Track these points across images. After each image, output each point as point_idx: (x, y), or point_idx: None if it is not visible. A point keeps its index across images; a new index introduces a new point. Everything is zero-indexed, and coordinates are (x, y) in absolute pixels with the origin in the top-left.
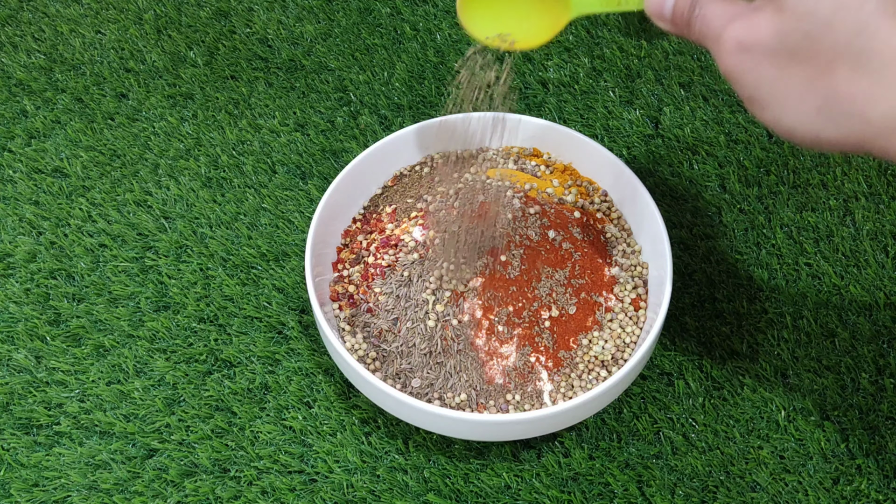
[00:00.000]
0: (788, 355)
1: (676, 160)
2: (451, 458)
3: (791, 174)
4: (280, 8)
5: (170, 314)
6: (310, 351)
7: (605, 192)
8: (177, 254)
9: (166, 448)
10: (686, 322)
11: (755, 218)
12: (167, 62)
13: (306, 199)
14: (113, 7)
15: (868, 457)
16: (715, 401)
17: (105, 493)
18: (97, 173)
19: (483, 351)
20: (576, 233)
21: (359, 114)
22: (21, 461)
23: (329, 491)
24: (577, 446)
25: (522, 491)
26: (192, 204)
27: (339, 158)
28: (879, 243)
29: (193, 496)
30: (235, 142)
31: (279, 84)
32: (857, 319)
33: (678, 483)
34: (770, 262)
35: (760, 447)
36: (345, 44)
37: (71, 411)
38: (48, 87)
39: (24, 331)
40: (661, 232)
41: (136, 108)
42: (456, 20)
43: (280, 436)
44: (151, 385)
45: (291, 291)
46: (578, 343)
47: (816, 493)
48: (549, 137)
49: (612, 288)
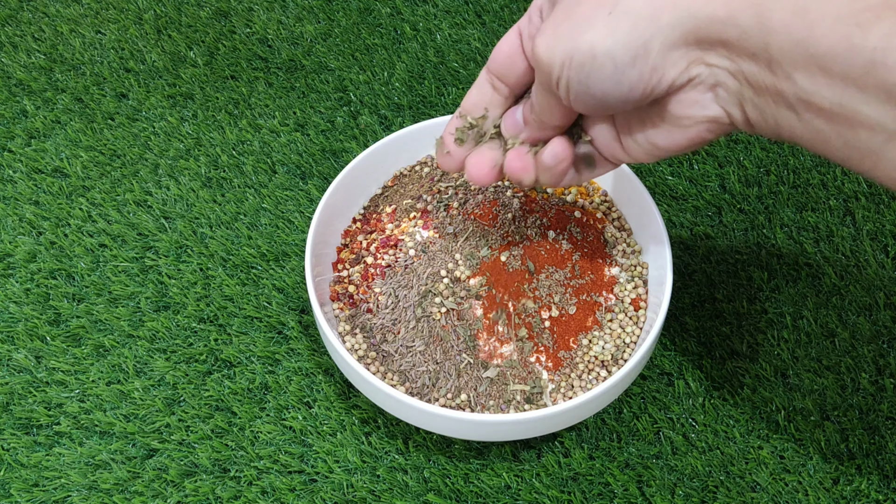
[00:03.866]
0: (788, 355)
1: (676, 160)
2: (451, 458)
3: (791, 174)
4: (280, 8)
5: (170, 314)
6: (310, 351)
7: (605, 192)
8: (177, 254)
9: (166, 448)
10: (686, 322)
11: (755, 218)
12: (167, 62)
13: (306, 199)
14: (113, 7)
15: (868, 457)
16: (715, 401)
17: (105, 493)
18: (97, 173)
19: (483, 351)
20: (576, 233)
21: (359, 114)
22: (21, 461)
23: (329, 491)
24: (577, 446)
25: (522, 491)
26: (192, 204)
27: (339, 158)
28: (879, 243)
29: (193, 496)
30: (235, 142)
31: (279, 84)
32: (857, 319)
33: (678, 483)
34: (770, 262)
35: (760, 447)
36: (345, 44)
37: (71, 411)
38: (48, 87)
39: (24, 331)
40: (661, 232)
41: (136, 108)
42: (456, 20)
43: (280, 436)
44: (151, 385)
45: (291, 291)
46: (578, 343)
47: (816, 493)
48: None
49: (612, 288)
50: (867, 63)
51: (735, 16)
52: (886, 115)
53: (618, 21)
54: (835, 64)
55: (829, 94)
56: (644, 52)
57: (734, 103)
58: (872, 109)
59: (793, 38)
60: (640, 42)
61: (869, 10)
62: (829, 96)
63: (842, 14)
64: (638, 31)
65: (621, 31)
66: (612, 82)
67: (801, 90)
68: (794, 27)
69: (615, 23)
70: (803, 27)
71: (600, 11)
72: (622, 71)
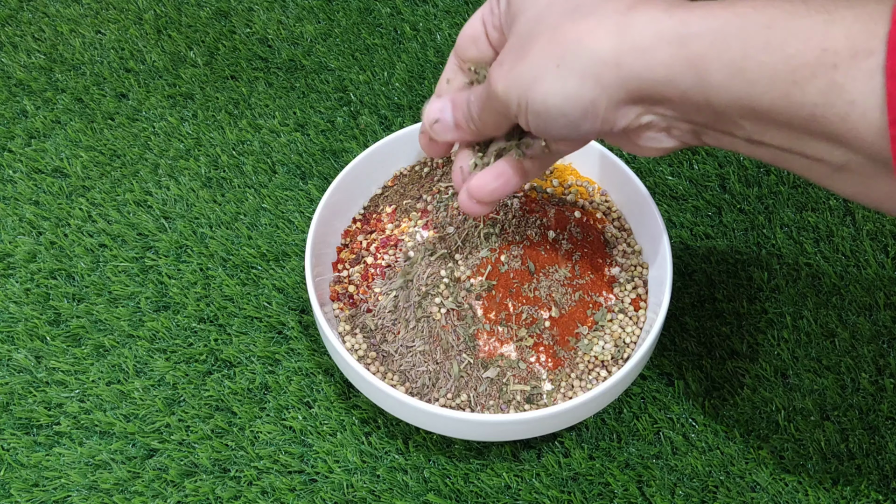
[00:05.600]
0: (788, 355)
1: (676, 160)
2: (451, 458)
3: (791, 174)
4: (280, 8)
5: (170, 314)
6: (310, 351)
7: (605, 192)
8: (177, 254)
9: (166, 448)
10: (686, 322)
11: (755, 218)
12: (167, 62)
13: (306, 199)
14: (113, 7)
15: (868, 457)
16: (715, 401)
17: (105, 493)
18: (97, 173)
19: (483, 351)
20: (576, 233)
21: (359, 114)
22: (21, 461)
23: (329, 491)
24: (577, 446)
25: (522, 491)
26: (192, 204)
27: (339, 158)
28: (879, 243)
29: (193, 496)
30: (235, 142)
31: (279, 84)
32: (857, 319)
33: (678, 483)
34: (770, 262)
35: (760, 447)
36: (345, 44)
37: (71, 411)
38: (48, 87)
39: (24, 331)
40: (661, 232)
41: (136, 108)
42: (456, 20)
43: (280, 436)
44: (151, 385)
45: (291, 291)
46: (578, 343)
47: (816, 493)
48: None
49: (612, 288)
50: (808, 116)
51: (674, 78)
52: (832, 154)
53: (566, 78)
54: (778, 116)
55: (777, 136)
56: (592, 109)
57: (690, 137)
58: (821, 148)
59: (733, 95)
60: (588, 100)
61: (804, 67)
62: (778, 138)
63: (778, 71)
64: (585, 89)
65: (570, 87)
66: (567, 129)
67: (750, 133)
68: (733, 86)
69: (563, 79)
70: (742, 86)
71: (549, 63)
72: (575, 123)
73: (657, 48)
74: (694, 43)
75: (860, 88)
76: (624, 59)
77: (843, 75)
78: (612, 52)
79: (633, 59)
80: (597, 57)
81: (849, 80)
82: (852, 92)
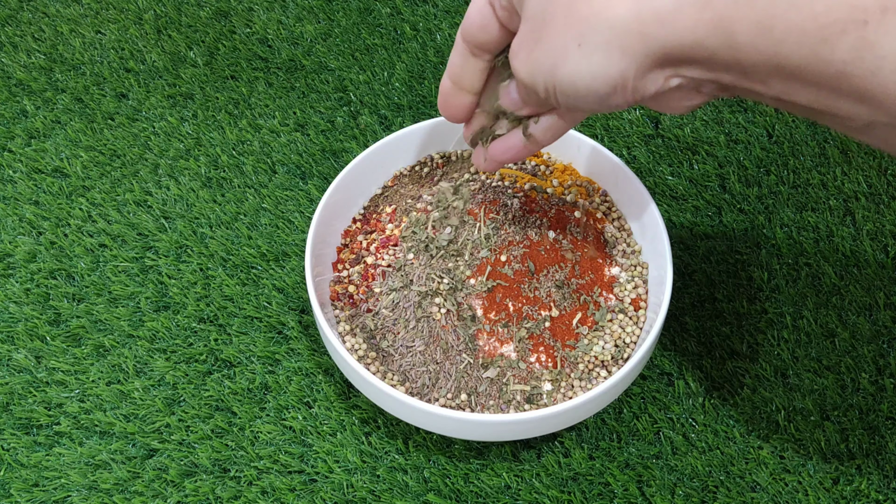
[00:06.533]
0: (788, 355)
1: (676, 160)
2: (451, 458)
3: (791, 174)
4: (280, 8)
5: (170, 314)
6: (310, 351)
7: (605, 192)
8: (177, 254)
9: (166, 448)
10: (686, 322)
11: (755, 218)
12: (167, 62)
13: (306, 199)
14: (113, 7)
15: (868, 457)
16: (715, 401)
17: (105, 493)
18: (97, 173)
19: (483, 351)
20: (576, 233)
21: (359, 114)
22: (21, 461)
23: (329, 491)
24: (577, 446)
25: (522, 491)
26: (192, 204)
27: (339, 158)
28: (879, 243)
29: (193, 496)
30: (235, 142)
31: (279, 84)
32: (857, 319)
33: (678, 483)
34: (770, 262)
35: (760, 447)
36: (345, 44)
37: (71, 411)
38: (48, 87)
39: (24, 331)
40: (661, 232)
41: (136, 108)
42: (456, 20)
43: (280, 436)
44: (151, 385)
45: (291, 291)
46: (578, 343)
47: (816, 493)
48: None
49: (612, 288)
50: (838, 73)
51: (701, 40)
52: (861, 111)
53: (590, 55)
54: (806, 74)
55: (805, 94)
56: (622, 81)
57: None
58: (848, 106)
59: (761, 54)
60: (616, 74)
61: (834, 24)
62: (806, 96)
63: (807, 29)
64: (612, 64)
65: (596, 65)
66: (597, 105)
67: (779, 91)
68: (761, 45)
69: (588, 57)
70: (770, 44)
71: (570, 43)
72: (605, 98)
73: (680, 11)
74: (717, 3)
75: (892, 43)
76: (647, 27)
77: (874, 31)
78: (635, 21)
79: (657, 25)
80: (618, 28)
81: (880, 36)
82: (885, 47)
